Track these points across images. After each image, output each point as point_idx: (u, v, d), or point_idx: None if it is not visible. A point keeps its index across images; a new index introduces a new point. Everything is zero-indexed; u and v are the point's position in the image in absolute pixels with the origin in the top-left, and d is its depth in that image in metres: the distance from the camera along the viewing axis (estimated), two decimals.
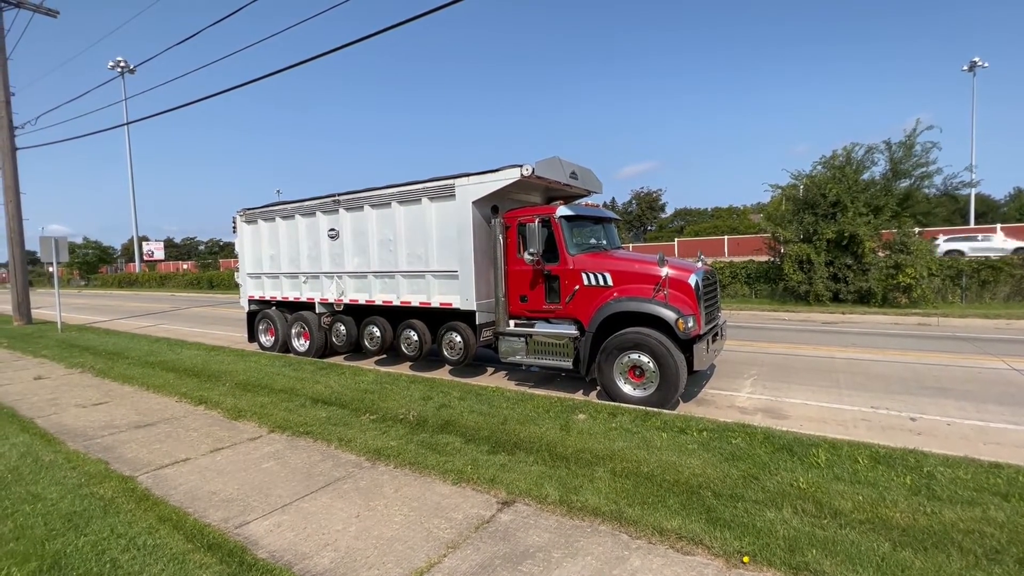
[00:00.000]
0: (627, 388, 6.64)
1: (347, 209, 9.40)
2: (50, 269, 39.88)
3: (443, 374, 8.65)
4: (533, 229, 7.14)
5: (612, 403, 6.40)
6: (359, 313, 9.67)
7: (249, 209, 11.31)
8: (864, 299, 15.44)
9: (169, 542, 3.43)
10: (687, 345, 6.42)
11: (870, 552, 3.08)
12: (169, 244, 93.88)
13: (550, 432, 5.31)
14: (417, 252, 8.50)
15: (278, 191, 75.98)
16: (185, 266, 64.87)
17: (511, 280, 7.82)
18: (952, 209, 42.97)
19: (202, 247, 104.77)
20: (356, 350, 9.95)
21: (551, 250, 7.41)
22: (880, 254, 15.61)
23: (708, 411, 6.36)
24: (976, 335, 11.09)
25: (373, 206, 9.00)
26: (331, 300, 9.82)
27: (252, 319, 11.62)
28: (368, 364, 9.53)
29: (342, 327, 9.80)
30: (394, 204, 8.66)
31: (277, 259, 10.82)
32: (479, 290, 7.83)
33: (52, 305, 16.99)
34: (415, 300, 8.62)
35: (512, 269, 7.80)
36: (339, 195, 9.46)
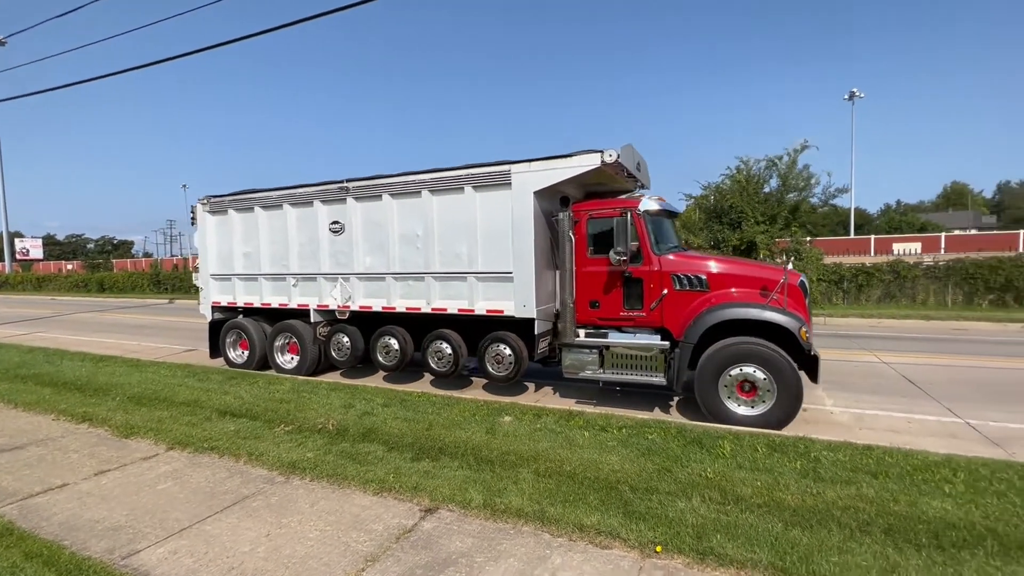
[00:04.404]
0: (733, 406, 5.88)
1: (358, 199, 7.99)
2: None
3: (375, 380, 8.32)
4: (623, 224, 6.25)
5: (537, 405, 6.48)
6: (369, 322, 8.23)
7: (216, 197, 9.42)
8: None
9: None
10: (801, 355, 5.79)
11: (766, 532, 3.37)
12: (50, 241, 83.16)
13: (476, 436, 5.29)
14: (456, 250, 7.33)
15: (184, 186, 69.63)
16: (70, 266, 57.51)
17: (580, 283, 6.84)
18: (836, 221, 48.84)
19: (91, 246, 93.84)
20: (361, 364, 8.63)
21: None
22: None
23: (629, 411, 6.64)
24: (855, 332, 12.55)
25: (394, 195, 7.69)
26: (333, 307, 8.39)
27: (216, 329, 9.64)
28: (292, 374, 8.93)
29: (345, 338, 8.32)
30: (425, 193, 7.43)
31: (255, 257, 9.09)
32: (539, 295, 6.91)
33: None
34: (452, 307, 7.44)
35: (581, 271, 6.85)
36: (347, 181, 8.05)
